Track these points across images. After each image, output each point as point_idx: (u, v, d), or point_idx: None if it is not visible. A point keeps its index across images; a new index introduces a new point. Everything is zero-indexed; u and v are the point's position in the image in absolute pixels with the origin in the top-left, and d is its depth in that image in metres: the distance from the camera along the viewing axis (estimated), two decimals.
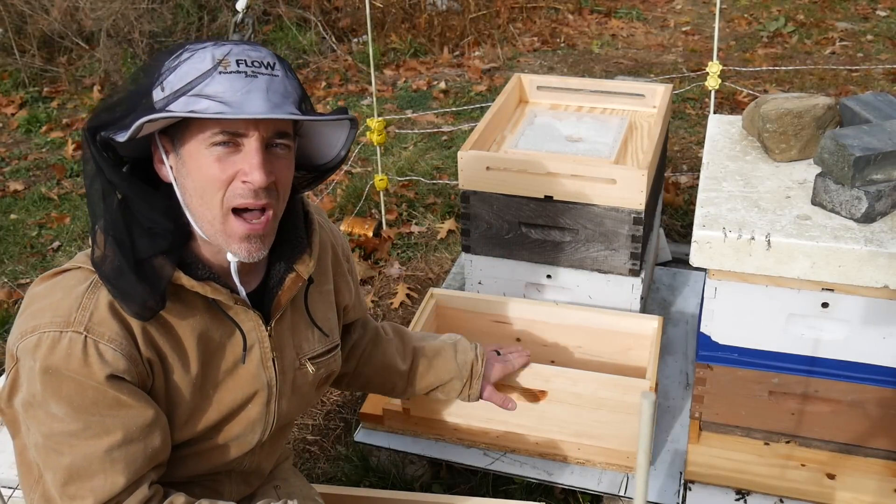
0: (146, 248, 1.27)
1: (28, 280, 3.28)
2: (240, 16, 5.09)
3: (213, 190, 1.26)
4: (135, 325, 1.27)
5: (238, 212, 1.29)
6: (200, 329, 1.35)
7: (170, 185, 1.31)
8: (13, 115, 4.74)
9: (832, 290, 1.74)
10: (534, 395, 2.04)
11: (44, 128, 4.57)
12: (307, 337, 1.51)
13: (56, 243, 3.52)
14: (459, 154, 2.29)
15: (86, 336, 1.24)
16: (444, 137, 4.25)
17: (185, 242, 1.32)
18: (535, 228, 2.34)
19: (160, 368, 1.32)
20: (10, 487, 1.99)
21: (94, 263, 1.27)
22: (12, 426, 1.37)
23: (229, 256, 1.32)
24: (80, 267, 1.30)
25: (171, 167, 1.30)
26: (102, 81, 4.96)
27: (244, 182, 1.26)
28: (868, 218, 1.71)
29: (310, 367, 1.51)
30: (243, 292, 1.38)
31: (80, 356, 1.23)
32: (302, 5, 5.70)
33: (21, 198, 3.90)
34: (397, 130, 4.30)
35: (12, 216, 3.75)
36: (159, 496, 1.33)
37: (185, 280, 1.29)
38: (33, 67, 5.08)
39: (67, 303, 1.26)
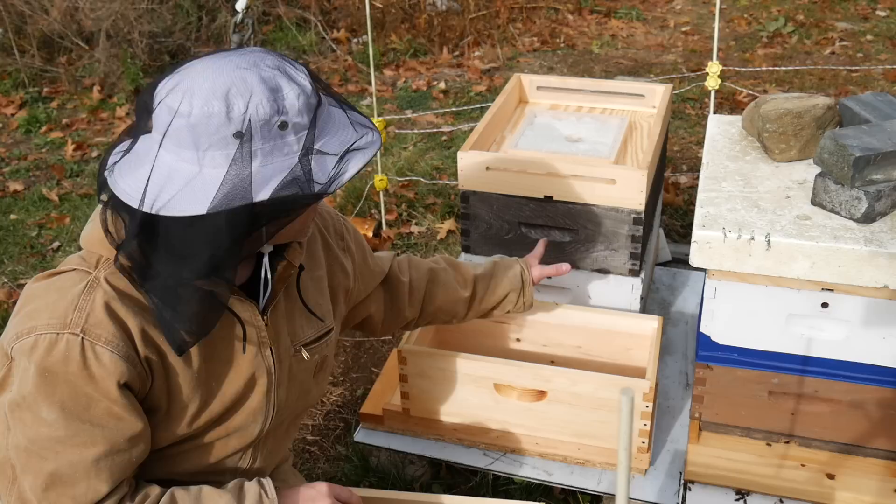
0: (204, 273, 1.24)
1: (28, 280, 3.28)
2: (239, 16, 5.08)
3: None
4: (133, 325, 1.27)
5: None
6: None
7: None
8: (13, 115, 4.73)
9: (832, 290, 1.74)
10: (535, 394, 2.05)
11: (44, 128, 4.57)
12: (301, 324, 1.52)
13: (56, 243, 3.53)
14: (459, 154, 2.29)
15: (83, 338, 1.23)
16: (444, 137, 4.25)
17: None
18: (535, 228, 2.34)
19: (160, 367, 1.32)
20: None
21: (143, 284, 1.25)
22: None
23: None
24: (74, 269, 1.30)
25: None
26: (102, 82, 4.96)
27: None
28: (868, 218, 1.71)
29: (305, 354, 1.52)
30: (236, 283, 1.38)
31: (79, 359, 1.23)
32: (302, 5, 5.70)
33: (21, 198, 3.90)
34: (397, 130, 4.30)
35: (12, 216, 3.74)
36: (132, 489, 1.33)
37: None
38: (33, 67, 5.08)
39: (64, 304, 1.25)
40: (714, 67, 2.98)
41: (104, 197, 1.27)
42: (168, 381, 1.33)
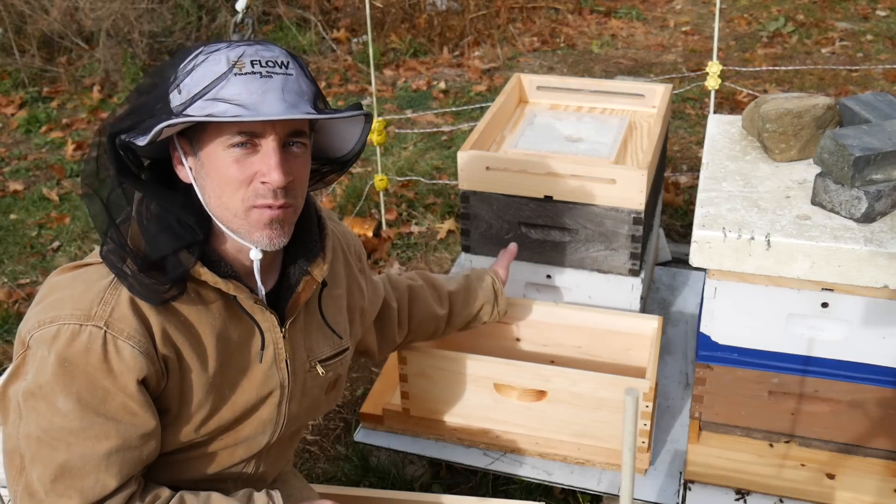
0: (167, 244, 1.28)
1: (28, 280, 3.28)
2: (239, 16, 5.08)
3: (232, 190, 1.28)
4: (154, 322, 1.28)
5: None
6: (219, 329, 1.36)
7: (190, 185, 1.32)
8: (13, 115, 4.74)
9: (832, 290, 1.74)
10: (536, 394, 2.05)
11: (44, 128, 4.57)
12: (318, 340, 1.53)
13: (56, 243, 3.52)
14: (459, 154, 2.29)
15: (105, 331, 1.24)
16: (444, 137, 4.25)
17: (206, 238, 1.33)
18: (535, 228, 2.34)
19: (176, 367, 1.32)
20: None
21: (103, 256, 1.28)
22: (2, 414, 1.35)
23: (252, 254, 1.34)
24: (102, 261, 1.31)
25: (190, 168, 1.31)
26: (102, 81, 4.96)
27: (263, 183, 1.28)
28: (868, 218, 1.71)
29: (320, 370, 1.53)
30: (262, 292, 1.39)
31: (100, 352, 1.24)
32: (302, 5, 5.70)
33: (21, 198, 3.90)
34: (397, 130, 4.30)
35: (12, 216, 3.75)
36: (141, 488, 1.33)
37: (209, 276, 1.31)
38: (33, 67, 5.08)
39: (89, 296, 1.26)
40: (714, 67, 2.98)
41: None
42: (182, 382, 1.34)
